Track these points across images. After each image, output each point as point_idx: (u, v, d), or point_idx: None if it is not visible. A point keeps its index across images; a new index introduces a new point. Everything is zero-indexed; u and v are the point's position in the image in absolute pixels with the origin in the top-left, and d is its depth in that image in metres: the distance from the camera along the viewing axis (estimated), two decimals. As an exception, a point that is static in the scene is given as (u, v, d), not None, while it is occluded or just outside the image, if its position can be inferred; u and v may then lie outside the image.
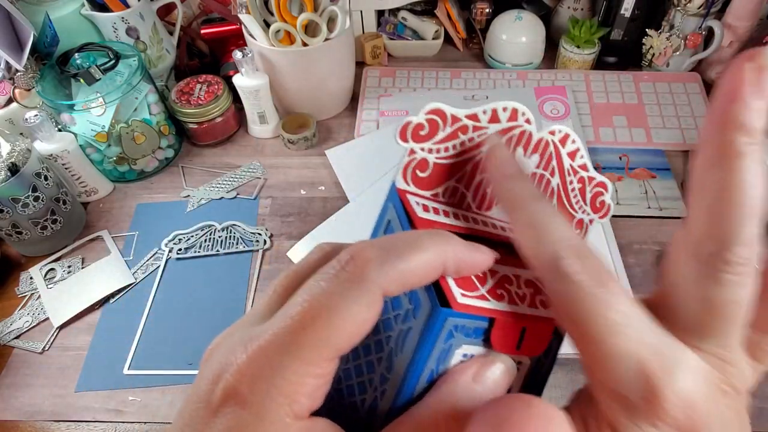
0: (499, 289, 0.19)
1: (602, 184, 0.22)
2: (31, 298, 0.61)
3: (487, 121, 0.19)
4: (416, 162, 0.19)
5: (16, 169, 0.58)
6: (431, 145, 0.19)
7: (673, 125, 0.75)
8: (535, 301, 0.19)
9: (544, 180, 0.21)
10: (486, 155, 0.20)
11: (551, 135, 0.20)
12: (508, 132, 0.20)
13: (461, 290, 0.18)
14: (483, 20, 0.88)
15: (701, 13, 0.75)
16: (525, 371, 0.20)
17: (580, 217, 0.22)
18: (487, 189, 0.20)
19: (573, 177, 0.21)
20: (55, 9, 0.68)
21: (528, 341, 0.19)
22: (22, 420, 0.52)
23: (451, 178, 0.20)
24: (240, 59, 0.69)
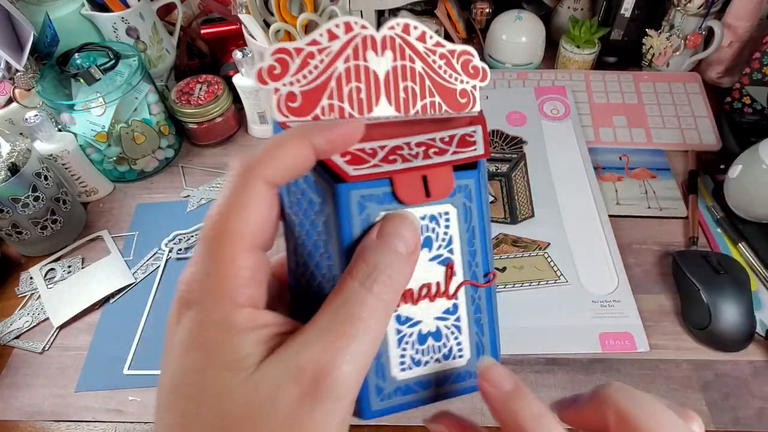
0: (392, 156, 0.21)
1: (466, 52, 0.24)
2: (31, 298, 0.61)
3: (327, 41, 0.21)
4: (284, 96, 0.21)
5: (16, 169, 0.58)
6: (289, 79, 0.21)
7: (673, 125, 0.75)
8: (428, 154, 0.21)
9: (408, 68, 0.22)
10: (480, 377, 0.21)
11: (391, 30, 0.22)
12: (351, 42, 0.21)
13: (353, 166, 0.20)
14: (483, 20, 0.88)
15: (701, 13, 0.75)
16: (456, 221, 0.22)
17: (462, 87, 0.24)
18: (359, 95, 0.22)
19: (434, 57, 0.23)
20: (55, 9, 0.68)
21: (434, 186, 0.21)
22: (22, 420, 0.52)
23: (322, 97, 0.21)
24: (240, 59, 0.69)
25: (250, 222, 0.18)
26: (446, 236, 0.22)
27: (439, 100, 0.23)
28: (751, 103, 0.75)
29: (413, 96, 0.23)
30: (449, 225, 0.22)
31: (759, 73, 0.72)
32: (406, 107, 0.23)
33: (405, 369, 0.22)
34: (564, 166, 0.69)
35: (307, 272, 0.22)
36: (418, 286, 0.22)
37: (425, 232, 0.21)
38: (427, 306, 0.22)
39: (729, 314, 0.52)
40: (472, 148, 0.22)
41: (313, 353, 0.17)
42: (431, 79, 0.23)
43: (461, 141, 0.22)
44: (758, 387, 0.51)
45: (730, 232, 0.62)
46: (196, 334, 0.17)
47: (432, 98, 0.23)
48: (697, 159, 0.70)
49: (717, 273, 0.54)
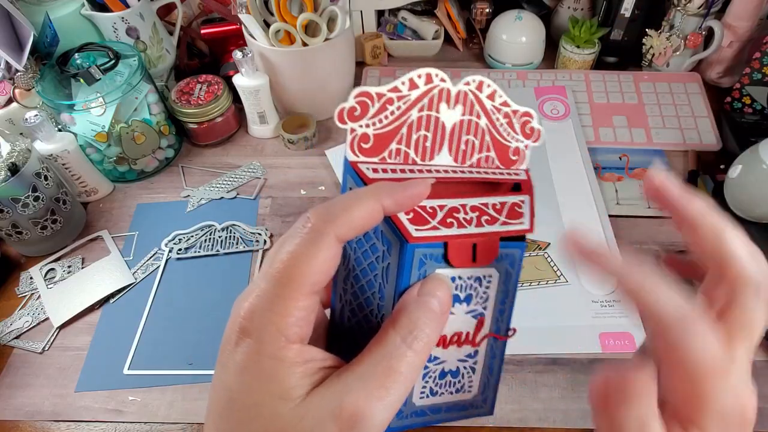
0: (449, 218, 0.23)
1: (527, 114, 0.26)
2: (31, 298, 0.61)
3: (408, 89, 0.23)
4: (358, 137, 0.23)
5: (16, 169, 0.58)
6: (366, 121, 0.23)
7: (673, 125, 0.75)
8: (480, 222, 0.23)
9: (473, 123, 0.24)
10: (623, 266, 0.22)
11: (467, 86, 0.24)
12: (429, 93, 0.23)
13: (415, 226, 0.22)
14: (483, 20, 0.88)
15: (701, 13, 0.75)
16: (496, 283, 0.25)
17: (515, 145, 0.26)
18: (425, 143, 0.24)
19: (498, 114, 0.25)
20: (55, 9, 0.68)
21: (481, 254, 0.23)
22: (22, 420, 0.52)
23: (392, 142, 0.23)
24: (240, 59, 0.69)
25: (316, 272, 0.20)
26: (485, 295, 0.25)
27: (493, 155, 0.25)
28: (751, 103, 0.75)
29: (472, 149, 0.25)
30: (489, 286, 0.25)
31: (759, 73, 0.72)
32: (463, 158, 0.25)
33: (423, 397, 0.25)
34: (564, 166, 0.69)
35: (354, 303, 0.25)
36: (451, 333, 0.25)
37: (468, 289, 0.24)
38: (455, 350, 0.25)
39: (729, 314, 0.52)
40: (519, 220, 0.24)
41: (354, 397, 0.19)
42: (491, 135, 0.25)
43: (511, 211, 0.24)
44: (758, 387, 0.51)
45: (730, 232, 0.62)
46: (252, 361, 0.20)
47: (488, 153, 0.25)
48: (697, 159, 0.70)
49: (717, 273, 0.54)
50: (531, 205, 0.25)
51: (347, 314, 0.26)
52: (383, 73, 0.85)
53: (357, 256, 0.24)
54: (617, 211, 0.65)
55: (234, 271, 0.62)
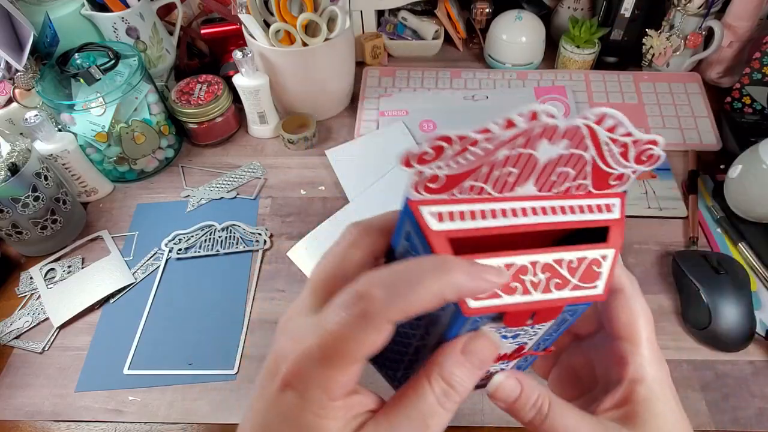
0: (513, 283, 0.20)
1: (652, 142, 0.21)
2: (31, 298, 0.61)
3: (502, 129, 0.18)
4: (426, 177, 0.19)
5: (16, 169, 0.58)
6: (439, 164, 0.19)
7: (673, 125, 0.75)
8: (549, 287, 0.21)
9: (575, 157, 0.20)
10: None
11: (584, 119, 0.19)
12: (530, 132, 0.19)
13: None
14: (483, 20, 0.88)
15: (701, 13, 0.75)
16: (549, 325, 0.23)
17: (620, 171, 0.22)
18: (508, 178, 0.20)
19: (612, 145, 0.21)
20: (55, 9, 0.68)
21: (538, 318, 0.21)
22: (22, 420, 0.52)
23: (467, 179, 0.19)
24: (240, 59, 0.69)
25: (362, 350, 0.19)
26: (534, 335, 0.24)
27: (587, 183, 0.22)
28: (751, 103, 0.75)
29: (562, 179, 0.21)
30: (541, 330, 0.23)
31: (759, 73, 0.72)
32: (549, 187, 0.21)
33: None
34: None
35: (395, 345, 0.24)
36: None
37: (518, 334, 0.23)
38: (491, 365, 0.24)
39: (729, 314, 0.52)
40: (593, 284, 0.21)
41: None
42: (594, 165, 0.21)
43: (587, 271, 0.21)
44: (758, 387, 0.51)
45: (730, 232, 0.62)
46: (295, 415, 0.20)
47: (583, 180, 0.22)
48: (697, 159, 0.70)
49: (717, 273, 0.54)
50: (613, 263, 0.21)
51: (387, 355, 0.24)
52: (383, 73, 0.85)
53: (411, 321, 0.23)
54: (617, 211, 0.65)
55: (234, 271, 0.62)
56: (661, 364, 0.25)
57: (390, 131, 0.75)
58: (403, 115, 0.77)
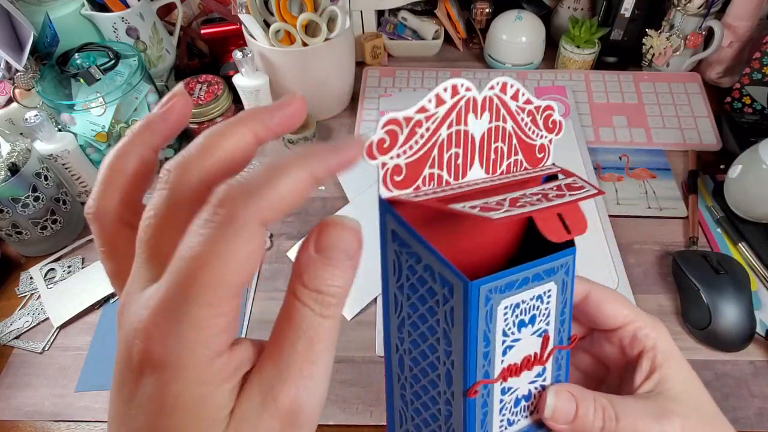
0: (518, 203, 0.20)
1: (548, 107, 0.24)
2: (31, 298, 0.61)
3: (435, 107, 0.21)
4: (390, 170, 0.21)
5: (16, 169, 0.58)
6: (397, 151, 0.21)
7: (673, 125, 0.75)
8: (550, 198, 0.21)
9: (500, 129, 0.23)
10: None
11: (491, 90, 0.22)
12: (456, 106, 0.21)
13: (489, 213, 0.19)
14: (483, 20, 0.88)
15: (701, 13, 0.75)
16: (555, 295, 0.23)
17: (540, 142, 0.25)
18: (457, 161, 0.22)
19: (522, 114, 0.23)
20: (55, 9, 0.68)
21: (571, 223, 0.21)
22: (21, 420, 0.52)
23: (425, 167, 0.21)
24: (240, 59, 0.69)
25: (236, 268, 0.15)
26: (547, 311, 0.23)
27: (521, 158, 0.24)
28: (751, 103, 0.75)
29: (501, 156, 0.23)
30: (550, 301, 0.23)
31: (759, 73, 0.72)
32: (494, 168, 0.23)
33: (503, 430, 0.24)
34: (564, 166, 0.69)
35: (414, 351, 0.24)
36: (521, 359, 0.23)
37: (532, 310, 0.23)
38: (526, 374, 0.24)
39: (729, 314, 0.52)
40: (585, 190, 0.22)
41: (285, 390, 0.17)
42: (518, 137, 0.24)
43: (569, 187, 0.23)
44: (758, 387, 0.51)
45: (730, 232, 0.62)
46: (173, 395, 0.16)
47: (516, 156, 0.24)
48: (697, 159, 0.70)
49: (717, 273, 0.54)
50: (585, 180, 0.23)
51: (408, 365, 0.24)
52: (383, 73, 0.85)
53: (411, 301, 0.23)
54: (617, 211, 0.65)
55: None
56: (657, 324, 0.27)
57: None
58: (403, 115, 0.77)
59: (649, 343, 0.27)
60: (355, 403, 0.50)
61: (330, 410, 0.50)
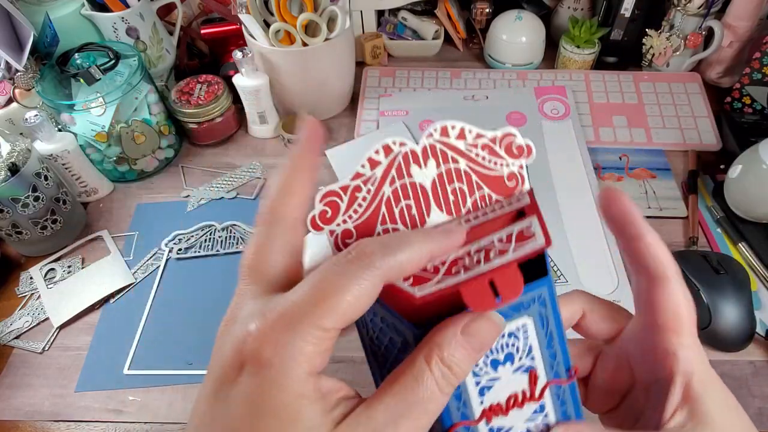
0: (454, 268, 0.20)
1: (507, 135, 0.23)
2: (31, 298, 0.61)
3: (370, 170, 0.21)
4: (340, 235, 0.21)
5: (16, 169, 0.58)
6: (342, 218, 0.21)
7: (673, 125, 0.75)
8: (489, 257, 0.20)
9: (453, 170, 0.22)
10: None
11: (429, 138, 0.21)
12: (393, 163, 0.21)
13: (417, 287, 0.19)
14: (483, 20, 0.88)
15: (701, 13, 0.75)
16: (533, 330, 0.22)
17: (509, 170, 0.23)
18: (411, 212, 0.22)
19: (476, 150, 0.22)
20: (55, 9, 0.68)
21: (503, 288, 0.20)
22: (21, 420, 0.52)
23: (376, 225, 0.22)
24: (240, 59, 0.69)
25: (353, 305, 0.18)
26: (526, 347, 0.22)
27: (488, 192, 0.23)
28: (751, 103, 0.75)
29: (462, 196, 0.23)
30: (528, 336, 0.22)
31: (759, 73, 0.72)
32: (456, 209, 0.23)
33: None
34: (564, 166, 0.69)
35: None
36: (506, 397, 0.22)
37: (506, 348, 0.22)
38: (517, 412, 0.23)
39: (729, 314, 0.52)
40: (530, 240, 0.21)
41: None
42: (477, 173, 0.23)
43: (519, 237, 0.21)
44: (758, 387, 0.51)
45: (730, 232, 0.62)
46: (268, 396, 0.17)
47: (480, 191, 0.23)
48: (697, 159, 0.70)
49: (717, 273, 0.54)
50: (541, 223, 0.22)
51: None
52: (383, 73, 0.85)
53: (382, 351, 0.23)
54: (617, 211, 0.65)
55: (234, 271, 0.61)
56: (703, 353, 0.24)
57: (390, 131, 0.75)
58: (403, 115, 0.77)
59: (689, 366, 0.23)
60: (355, 403, 0.50)
61: (330, 410, 0.50)
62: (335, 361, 0.52)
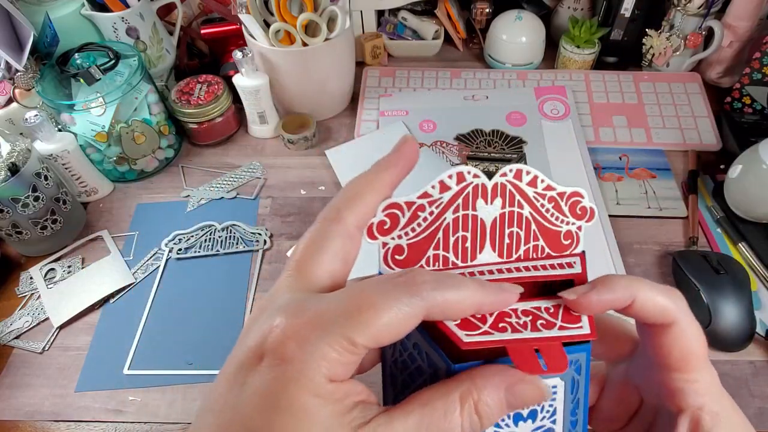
0: (501, 323, 0.20)
1: (575, 194, 0.23)
2: (31, 298, 0.61)
3: (439, 193, 0.21)
4: (391, 250, 0.21)
5: (16, 169, 0.58)
6: (398, 233, 0.21)
7: (673, 125, 0.75)
8: (536, 326, 0.21)
9: (515, 214, 0.22)
10: None
11: (503, 177, 0.22)
12: (462, 192, 0.21)
13: (465, 332, 0.19)
14: (483, 20, 0.88)
15: (701, 13, 0.75)
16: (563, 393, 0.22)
17: (567, 228, 0.23)
18: (465, 244, 0.22)
19: (542, 200, 0.23)
20: (55, 9, 0.68)
21: (549, 360, 0.20)
22: (21, 420, 0.52)
23: (429, 249, 0.21)
24: (240, 59, 0.69)
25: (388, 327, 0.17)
26: (551, 408, 0.22)
27: (542, 244, 0.23)
28: (751, 103, 0.75)
29: (517, 241, 0.23)
30: (555, 398, 0.22)
31: (759, 73, 0.72)
32: (509, 252, 0.23)
33: None
34: (564, 166, 0.69)
35: None
36: None
37: None
38: None
39: (729, 314, 0.52)
40: (577, 325, 0.21)
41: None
42: (537, 223, 0.23)
43: (566, 314, 0.21)
44: (758, 387, 0.51)
45: (730, 232, 0.62)
46: (283, 391, 0.17)
47: (536, 242, 0.23)
48: (697, 159, 0.70)
49: (717, 273, 0.54)
50: None
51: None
52: (383, 73, 0.85)
53: (403, 378, 0.22)
54: (617, 211, 0.65)
55: (234, 271, 0.62)
56: (716, 379, 0.23)
57: (390, 131, 0.75)
58: (403, 115, 0.77)
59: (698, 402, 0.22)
60: (355, 403, 0.50)
61: (330, 410, 0.50)
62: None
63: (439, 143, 0.73)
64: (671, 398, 0.22)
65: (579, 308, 0.21)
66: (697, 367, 0.22)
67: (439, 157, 0.71)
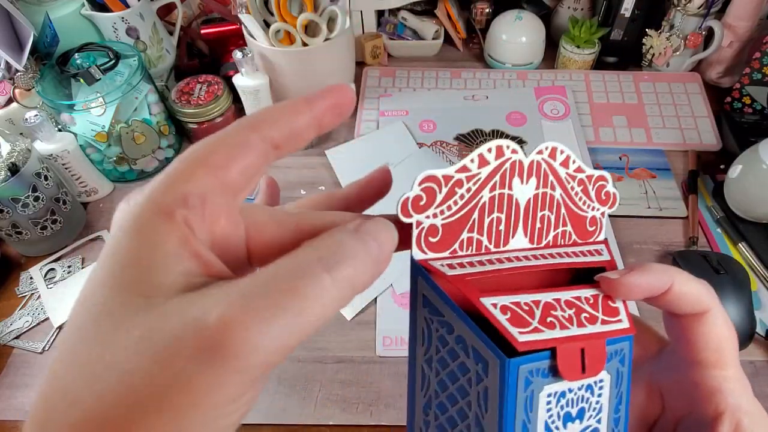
0: (548, 318, 0.19)
1: (601, 177, 0.23)
2: (31, 298, 0.61)
3: (477, 167, 0.20)
4: (425, 230, 0.20)
5: (16, 169, 0.58)
6: (434, 210, 0.19)
7: (673, 125, 0.75)
8: (581, 321, 0.20)
9: (548, 196, 0.21)
10: None
11: (539, 154, 0.21)
12: (500, 168, 0.20)
13: (518, 328, 0.18)
14: (483, 20, 0.88)
15: (701, 13, 0.75)
16: (608, 388, 0.21)
17: (592, 215, 0.23)
18: (499, 227, 0.21)
19: (573, 182, 0.22)
20: (55, 9, 0.68)
21: (590, 361, 0.19)
22: (22, 420, 0.51)
23: (463, 230, 0.20)
24: (240, 59, 0.69)
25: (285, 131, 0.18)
26: (598, 405, 0.21)
27: (570, 230, 0.23)
28: (751, 103, 0.75)
29: (548, 225, 0.22)
30: (602, 393, 0.21)
31: (759, 73, 0.72)
32: (539, 238, 0.22)
33: None
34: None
35: None
36: None
37: (580, 402, 0.20)
38: None
39: (729, 314, 0.51)
40: (617, 318, 0.20)
41: (228, 308, 0.13)
42: (567, 207, 0.22)
43: (605, 306, 0.21)
44: (758, 387, 0.51)
45: (730, 232, 0.62)
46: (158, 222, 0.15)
47: (564, 227, 0.22)
48: (697, 159, 0.70)
49: (717, 273, 0.54)
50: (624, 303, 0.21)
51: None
52: (383, 73, 0.85)
53: (441, 378, 0.20)
54: (617, 211, 0.65)
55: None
56: (746, 380, 0.22)
57: (390, 131, 0.75)
58: (403, 115, 0.77)
59: (737, 402, 0.21)
60: (355, 403, 0.50)
61: (330, 410, 0.50)
62: (336, 361, 0.52)
63: (439, 143, 0.73)
64: (708, 399, 0.21)
65: (619, 291, 0.20)
66: (732, 360, 0.21)
67: (439, 157, 0.71)
